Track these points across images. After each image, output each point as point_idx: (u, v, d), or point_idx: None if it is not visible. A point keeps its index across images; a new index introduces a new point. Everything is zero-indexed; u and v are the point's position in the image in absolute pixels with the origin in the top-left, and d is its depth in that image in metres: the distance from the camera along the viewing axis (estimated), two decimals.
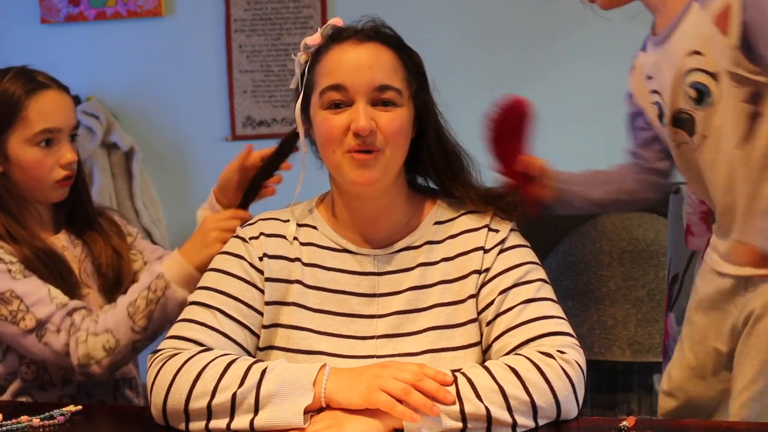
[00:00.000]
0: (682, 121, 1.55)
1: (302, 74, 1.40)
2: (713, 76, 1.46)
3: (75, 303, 1.57)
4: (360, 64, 1.33)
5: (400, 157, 1.37)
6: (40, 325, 1.53)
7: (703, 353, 1.66)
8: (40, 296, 1.54)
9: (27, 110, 1.58)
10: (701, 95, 1.48)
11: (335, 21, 1.40)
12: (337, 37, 1.37)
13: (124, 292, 1.64)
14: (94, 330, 1.53)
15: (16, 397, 1.59)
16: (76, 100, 3.31)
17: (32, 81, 1.61)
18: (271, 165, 1.57)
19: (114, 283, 1.70)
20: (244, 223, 1.48)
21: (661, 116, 1.60)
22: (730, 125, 1.48)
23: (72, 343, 1.52)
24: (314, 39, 1.39)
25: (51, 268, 1.59)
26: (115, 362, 1.56)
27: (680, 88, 1.51)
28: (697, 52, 1.47)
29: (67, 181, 1.65)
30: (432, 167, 1.43)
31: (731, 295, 1.58)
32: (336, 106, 1.33)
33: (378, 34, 1.37)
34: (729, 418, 1.58)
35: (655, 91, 1.60)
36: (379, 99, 1.33)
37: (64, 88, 1.66)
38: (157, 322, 1.56)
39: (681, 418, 1.67)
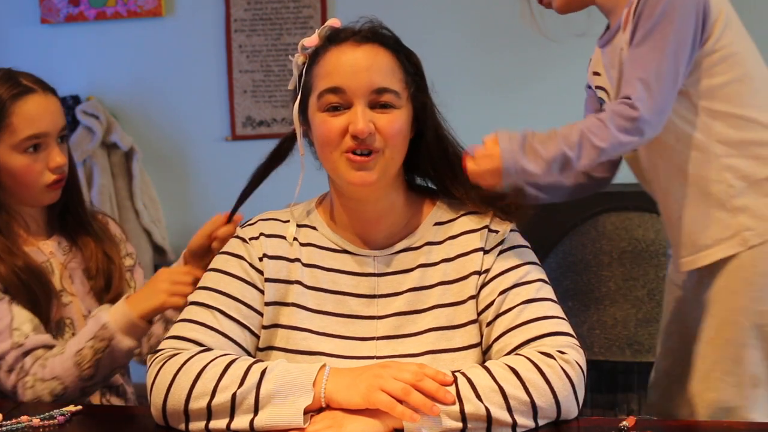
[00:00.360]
0: None
1: (300, 76, 1.40)
2: None
3: (33, 341, 1.54)
4: (358, 67, 1.33)
5: (398, 158, 1.37)
6: None
7: (679, 343, 1.69)
8: (1, 328, 1.52)
9: (12, 117, 1.56)
10: None
11: (333, 22, 1.40)
12: (334, 38, 1.37)
13: (116, 297, 1.65)
14: (42, 376, 1.51)
15: None
16: (76, 100, 3.31)
17: (17, 85, 1.58)
18: (267, 169, 1.55)
19: (104, 287, 1.69)
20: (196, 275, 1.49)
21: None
22: None
23: (20, 387, 1.51)
24: (311, 40, 1.38)
25: (27, 286, 1.57)
26: (65, 401, 1.53)
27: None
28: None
29: (58, 185, 1.64)
30: (432, 168, 1.43)
31: (690, 286, 1.63)
32: (334, 108, 1.33)
33: (376, 35, 1.37)
34: (694, 403, 1.61)
35: (599, 87, 1.63)
36: (378, 101, 1.33)
37: (51, 90, 1.63)
38: (104, 370, 1.55)
39: (664, 411, 1.69)
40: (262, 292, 1.38)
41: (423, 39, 1.53)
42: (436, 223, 1.42)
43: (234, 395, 1.17)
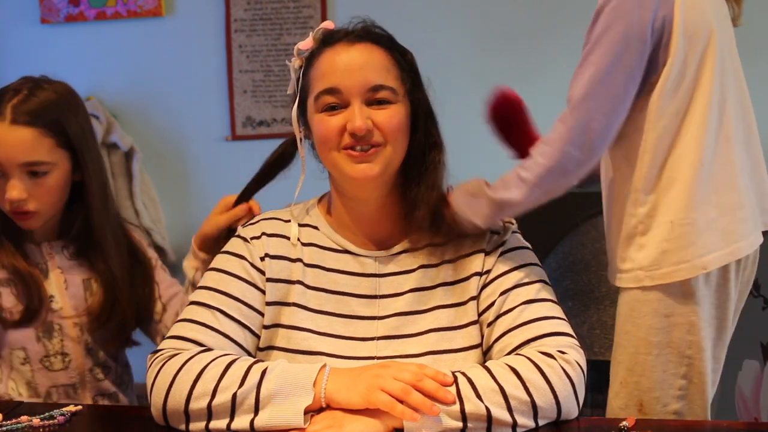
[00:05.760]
0: None
1: (297, 79, 1.41)
2: None
3: None
4: (352, 66, 1.33)
5: (400, 153, 1.37)
6: None
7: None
8: None
9: None
10: None
11: (326, 24, 1.41)
12: (328, 40, 1.38)
13: (108, 321, 1.63)
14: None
15: None
16: None
17: None
18: (269, 174, 1.56)
19: (96, 319, 1.64)
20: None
21: None
22: None
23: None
24: (306, 43, 1.40)
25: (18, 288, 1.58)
26: None
27: None
28: None
29: (23, 216, 1.56)
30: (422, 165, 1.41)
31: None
32: (332, 108, 1.34)
33: (369, 34, 1.38)
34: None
35: None
36: (374, 98, 1.33)
37: (24, 121, 1.51)
38: None
39: None
40: (263, 292, 1.38)
41: (422, 38, 1.53)
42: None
43: (234, 395, 1.17)
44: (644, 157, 1.47)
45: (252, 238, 1.41)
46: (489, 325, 1.34)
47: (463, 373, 1.20)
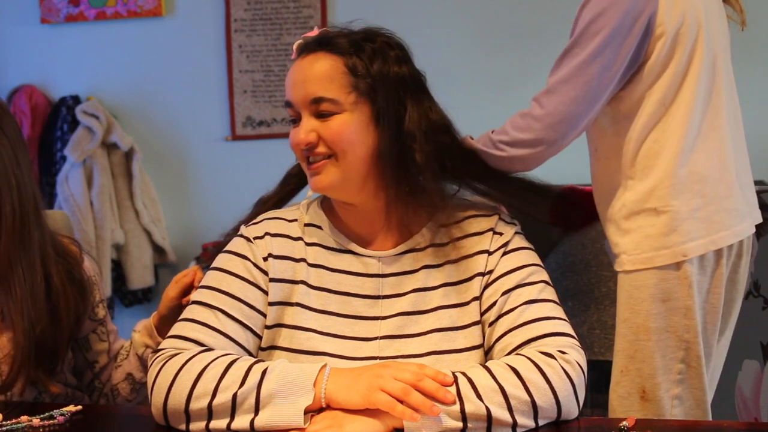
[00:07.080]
0: None
1: None
2: None
3: None
4: (296, 80, 1.37)
5: (355, 161, 1.35)
6: None
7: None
8: None
9: None
10: None
11: (308, 33, 1.43)
12: (299, 52, 1.42)
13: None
14: None
15: None
16: (76, 100, 3.32)
17: None
18: (285, 197, 1.55)
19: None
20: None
21: None
22: None
23: None
24: (293, 54, 1.44)
25: None
26: None
27: None
28: None
29: None
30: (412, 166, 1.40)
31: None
32: (293, 120, 1.39)
33: (321, 43, 1.38)
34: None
35: None
36: (318, 110, 1.35)
37: None
38: None
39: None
40: (265, 292, 1.38)
41: (423, 38, 1.53)
42: (441, 225, 1.42)
43: (235, 395, 1.17)
44: (630, 145, 1.51)
45: (255, 238, 1.41)
46: (490, 324, 1.34)
47: (464, 373, 1.20)
